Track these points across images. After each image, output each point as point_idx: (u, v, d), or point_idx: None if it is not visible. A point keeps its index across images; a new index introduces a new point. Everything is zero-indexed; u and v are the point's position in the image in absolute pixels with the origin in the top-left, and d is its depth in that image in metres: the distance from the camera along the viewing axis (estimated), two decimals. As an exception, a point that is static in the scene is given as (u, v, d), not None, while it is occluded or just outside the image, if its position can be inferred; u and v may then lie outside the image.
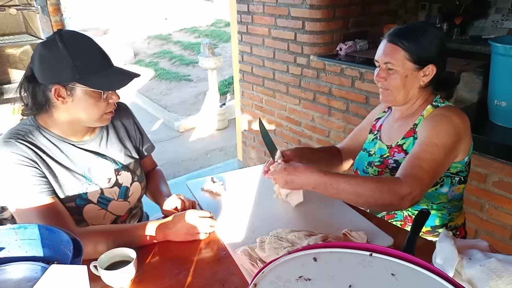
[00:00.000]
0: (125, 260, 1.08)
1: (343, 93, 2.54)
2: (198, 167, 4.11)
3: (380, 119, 1.52)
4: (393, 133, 1.41)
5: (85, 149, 1.26)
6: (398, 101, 1.33)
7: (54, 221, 1.12)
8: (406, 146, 1.34)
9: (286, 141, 3.16)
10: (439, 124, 1.25)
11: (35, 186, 1.13)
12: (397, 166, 1.32)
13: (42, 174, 1.15)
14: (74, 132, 1.23)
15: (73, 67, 1.09)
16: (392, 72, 1.28)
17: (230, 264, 1.12)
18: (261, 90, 3.26)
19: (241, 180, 1.61)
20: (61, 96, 1.13)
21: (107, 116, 1.22)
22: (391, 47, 1.27)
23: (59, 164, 1.19)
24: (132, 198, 1.36)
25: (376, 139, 1.47)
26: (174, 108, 6.07)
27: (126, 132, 1.41)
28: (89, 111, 1.16)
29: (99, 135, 1.31)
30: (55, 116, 1.18)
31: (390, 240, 1.19)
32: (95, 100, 1.15)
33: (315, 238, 1.10)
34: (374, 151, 1.45)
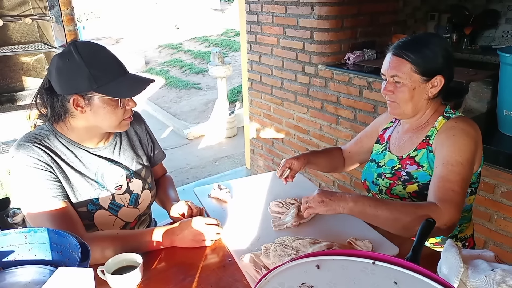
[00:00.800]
0: (131, 265, 1.09)
1: (351, 102, 2.55)
2: (206, 175, 4.13)
3: (388, 130, 1.51)
4: (403, 144, 1.39)
5: (99, 156, 1.29)
6: (406, 114, 1.32)
7: (65, 225, 1.14)
8: (418, 158, 1.32)
9: (293, 149, 3.17)
10: (458, 139, 1.23)
11: (48, 190, 1.15)
12: (410, 178, 1.31)
13: (56, 178, 1.18)
14: (90, 138, 1.26)
15: (90, 77, 1.12)
16: (399, 85, 1.27)
17: (235, 271, 1.12)
18: (269, 99, 3.28)
19: (248, 187, 1.62)
20: (79, 106, 1.16)
21: (126, 121, 1.24)
22: (397, 60, 1.26)
23: (74, 169, 1.22)
24: (142, 206, 1.38)
25: (385, 151, 1.45)
26: (183, 115, 6.12)
27: (139, 140, 1.44)
28: (108, 119, 1.19)
29: (113, 143, 1.34)
30: (73, 123, 1.21)
31: (396, 250, 1.18)
32: (113, 108, 1.18)
33: (319, 246, 1.10)
34: (384, 163, 1.43)
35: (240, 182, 1.65)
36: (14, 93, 2.67)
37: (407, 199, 1.34)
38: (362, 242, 1.18)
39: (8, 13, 2.45)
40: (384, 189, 1.39)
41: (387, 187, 1.38)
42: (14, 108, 2.48)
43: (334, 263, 0.77)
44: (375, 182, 1.43)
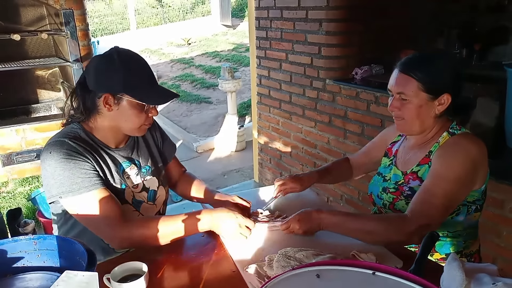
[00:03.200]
0: (137, 273, 1.11)
1: (358, 116, 2.56)
2: (215, 188, 4.12)
3: (396, 144, 1.50)
4: (408, 159, 1.40)
5: (121, 155, 1.35)
6: (414, 131, 1.32)
7: (114, 210, 1.21)
8: (421, 173, 1.32)
9: (301, 163, 3.18)
10: (454, 155, 1.23)
11: (89, 178, 1.20)
12: (412, 193, 1.31)
13: (95, 168, 1.23)
14: (113, 138, 1.33)
15: (124, 80, 1.21)
16: (406, 102, 1.26)
17: (239, 282, 1.13)
18: (278, 113, 3.31)
19: (254, 198, 1.63)
20: (108, 103, 1.23)
21: (145, 127, 1.32)
22: (403, 78, 1.25)
23: (105, 163, 1.29)
24: (158, 201, 1.44)
25: (392, 165, 1.46)
26: (193, 129, 6.18)
27: (153, 140, 1.51)
28: (131, 120, 1.26)
29: (130, 144, 1.40)
30: (99, 122, 1.29)
31: (400, 263, 1.18)
32: (138, 111, 1.25)
33: (323, 258, 1.11)
34: (389, 177, 1.43)
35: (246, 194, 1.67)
36: (29, 105, 2.74)
37: None
38: (366, 255, 1.18)
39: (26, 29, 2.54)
40: (388, 203, 1.39)
41: (390, 202, 1.38)
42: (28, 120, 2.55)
43: (334, 273, 0.78)
44: (379, 196, 1.43)
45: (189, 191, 1.58)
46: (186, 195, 1.62)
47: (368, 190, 1.53)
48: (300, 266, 0.79)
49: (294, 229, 1.28)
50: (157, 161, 1.49)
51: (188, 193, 1.58)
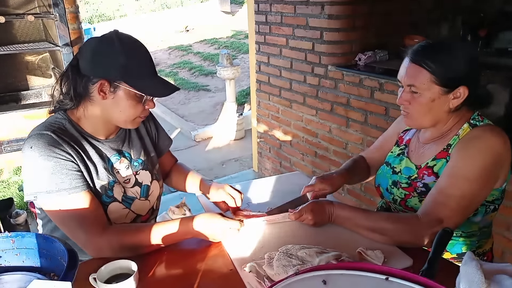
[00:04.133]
0: (126, 273, 1.03)
1: (361, 104, 2.46)
2: (213, 177, 4.07)
3: (409, 132, 1.39)
4: (423, 152, 1.29)
5: (110, 147, 1.25)
6: (423, 126, 1.23)
7: (92, 217, 1.12)
8: (437, 168, 1.22)
9: (302, 152, 3.09)
10: (475, 152, 1.12)
11: (71, 180, 1.11)
12: (427, 190, 1.21)
13: (78, 168, 1.13)
14: (103, 129, 1.23)
15: (124, 66, 1.10)
16: (417, 96, 1.15)
17: (236, 281, 1.05)
18: (277, 101, 3.21)
19: (253, 191, 1.55)
20: (103, 91, 1.12)
21: (139, 120, 1.22)
22: (415, 69, 1.13)
23: (90, 159, 1.19)
24: (152, 197, 1.35)
25: (402, 155, 1.35)
26: (191, 117, 6.08)
27: (146, 131, 1.41)
28: (126, 112, 1.16)
29: (121, 135, 1.30)
30: (89, 110, 1.18)
31: (409, 261, 1.10)
32: (135, 102, 1.15)
33: (327, 256, 1.02)
34: (400, 169, 1.33)
35: (245, 186, 1.58)
36: (18, 92, 2.63)
37: None
38: (373, 253, 1.10)
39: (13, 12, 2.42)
40: (399, 199, 1.30)
41: (402, 198, 1.28)
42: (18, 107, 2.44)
43: (343, 279, 0.70)
44: (389, 190, 1.34)
45: (183, 183, 1.49)
46: (179, 187, 1.53)
47: (375, 181, 1.44)
48: (304, 270, 0.71)
49: (305, 219, 1.22)
50: (150, 154, 1.39)
51: (182, 185, 1.49)
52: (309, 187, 1.35)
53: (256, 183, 1.65)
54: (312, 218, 1.21)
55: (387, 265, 1.07)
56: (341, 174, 1.42)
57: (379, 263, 1.07)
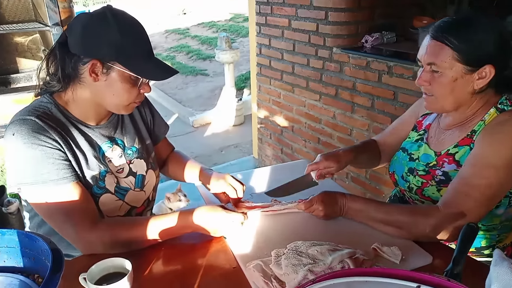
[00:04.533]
0: (119, 272, 0.93)
1: (368, 88, 2.35)
2: (212, 164, 3.98)
3: (429, 117, 1.29)
4: (443, 138, 1.19)
5: (101, 134, 1.15)
6: (445, 109, 1.13)
7: (82, 211, 1.03)
8: (459, 156, 1.12)
9: (304, 139, 2.99)
10: (503, 138, 1.03)
11: (58, 171, 1.01)
12: (446, 179, 1.12)
13: (66, 157, 1.03)
14: (93, 115, 1.13)
15: (119, 46, 1.00)
16: (437, 75, 1.06)
17: (240, 280, 0.96)
18: (279, 85, 3.09)
19: (257, 181, 1.45)
20: (95, 72, 1.02)
21: (134, 105, 1.12)
22: (436, 45, 1.05)
23: (78, 147, 1.08)
24: (147, 187, 1.25)
25: (421, 141, 1.25)
26: (189, 102, 5.96)
27: (141, 117, 1.30)
28: (120, 96, 1.06)
29: (113, 121, 1.19)
30: (79, 93, 1.07)
31: (429, 258, 1.01)
32: (130, 86, 1.05)
33: (340, 255, 0.93)
34: (418, 156, 1.23)
35: (247, 176, 1.48)
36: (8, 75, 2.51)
37: None
38: (390, 249, 1.01)
39: (0, -11, 2.28)
40: (415, 188, 1.20)
41: (418, 187, 1.19)
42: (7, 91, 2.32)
43: (367, 287, 0.60)
44: (405, 178, 1.24)
45: (181, 172, 1.38)
46: (177, 177, 1.42)
47: (390, 168, 1.34)
48: (322, 277, 0.61)
49: (315, 210, 1.13)
50: (146, 142, 1.29)
51: (180, 175, 1.39)
52: (313, 165, 1.26)
53: (258, 172, 1.56)
54: (322, 209, 1.12)
55: (405, 263, 0.99)
56: (347, 151, 1.32)
57: (397, 261, 0.98)
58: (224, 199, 1.24)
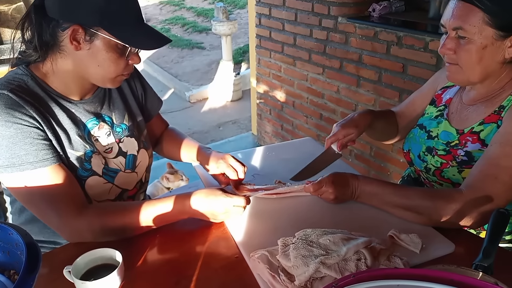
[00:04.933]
0: (108, 264, 0.84)
1: (375, 61, 2.21)
2: (209, 141, 3.88)
3: (449, 90, 1.17)
4: (466, 115, 1.08)
5: (86, 110, 1.03)
6: (471, 81, 1.01)
7: (67, 196, 0.92)
8: (484, 134, 1.01)
9: (306, 115, 2.87)
10: None
11: (37, 151, 0.89)
12: (469, 160, 1.02)
13: (45, 136, 0.92)
14: (76, 88, 1.00)
15: (104, 9, 0.88)
16: (464, 42, 0.95)
17: (244, 272, 0.87)
18: (279, 58, 2.95)
19: (259, 160, 1.34)
20: (76, 40, 0.90)
21: (122, 78, 1.00)
22: (465, 7, 0.94)
23: (60, 125, 0.96)
24: (139, 169, 1.14)
25: (441, 117, 1.14)
26: (185, 77, 5.79)
27: (131, 91, 1.18)
28: (106, 67, 0.94)
29: (99, 95, 1.07)
30: (59, 64, 0.95)
31: (451, 247, 0.92)
32: (117, 56, 0.93)
33: (356, 244, 0.83)
34: (437, 133, 1.13)
35: (247, 155, 1.37)
36: (-9, 46, 2.35)
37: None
38: (409, 237, 0.92)
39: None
40: (433, 168, 1.10)
41: (437, 168, 1.09)
42: (-11, 63, 2.17)
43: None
44: (422, 157, 1.14)
45: (176, 151, 1.27)
46: (173, 156, 1.31)
47: (405, 146, 1.23)
48: (345, 281, 0.51)
49: (325, 192, 1.03)
50: (137, 119, 1.17)
51: (176, 154, 1.28)
52: (332, 137, 1.15)
53: (260, 151, 1.45)
54: (333, 191, 1.02)
55: (426, 252, 0.89)
56: (364, 114, 1.19)
57: (417, 250, 0.89)
58: (223, 181, 1.13)
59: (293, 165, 1.28)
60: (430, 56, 1.92)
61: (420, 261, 0.87)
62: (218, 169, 1.12)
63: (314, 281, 0.79)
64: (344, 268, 0.80)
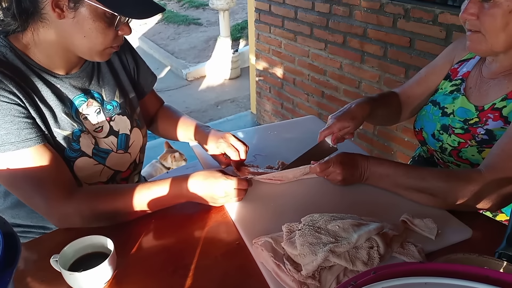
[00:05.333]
0: (99, 252, 0.77)
1: (381, 35, 2.11)
2: (207, 120, 3.79)
3: (467, 63, 1.09)
4: (486, 90, 1.00)
5: (73, 86, 0.94)
6: (494, 50, 0.92)
7: (52, 179, 0.85)
8: (507, 111, 0.94)
9: (307, 93, 2.78)
10: None
11: (19, 130, 0.81)
12: (490, 138, 0.95)
13: (27, 114, 0.83)
14: (60, 61, 0.92)
15: None
16: (489, 6, 0.87)
17: (245, 260, 0.81)
18: (279, 33, 2.83)
19: (260, 140, 1.27)
20: (59, 7, 0.82)
21: (111, 50, 0.92)
22: None
23: (44, 101, 0.88)
24: (133, 149, 1.07)
25: (457, 93, 1.06)
26: (182, 54, 5.65)
27: (122, 65, 1.08)
28: (93, 38, 0.86)
29: (87, 69, 0.99)
30: (41, 35, 0.86)
31: (468, 232, 0.86)
32: (105, 26, 0.85)
33: (368, 231, 0.77)
34: (452, 110, 1.05)
35: (248, 135, 1.30)
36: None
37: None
38: (423, 222, 0.85)
39: None
40: (450, 148, 1.02)
41: (454, 147, 1.01)
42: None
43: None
44: (436, 136, 1.06)
45: (173, 130, 1.19)
46: (169, 135, 1.24)
47: (416, 124, 1.15)
48: (364, 279, 0.45)
49: (332, 173, 0.96)
50: (129, 95, 1.08)
51: (172, 133, 1.20)
52: (326, 131, 1.06)
53: (261, 130, 1.37)
54: (340, 172, 0.95)
55: (441, 238, 0.83)
56: (361, 104, 1.09)
57: (432, 236, 0.83)
58: (224, 162, 1.06)
59: (296, 145, 1.21)
60: (439, 30, 1.82)
61: (435, 247, 0.81)
62: (218, 149, 1.05)
63: (322, 271, 0.74)
64: (355, 256, 0.74)
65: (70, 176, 0.90)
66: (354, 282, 0.45)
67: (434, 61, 1.17)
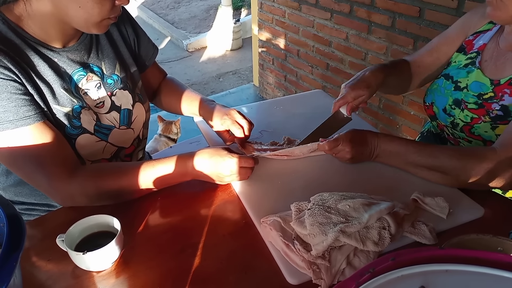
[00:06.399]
0: (106, 231, 0.76)
1: (389, 4, 2.03)
2: (209, 92, 3.74)
3: (483, 35, 1.03)
4: (503, 63, 0.95)
5: (71, 59, 0.90)
6: None
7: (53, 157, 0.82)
8: None
9: (311, 64, 2.72)
10: None
11: (16, 108, 0.78)
12: (505, 115, 0.91)
13: (25, 90, 0.80)
14: (57, 34, 0.87)
15: None
16: None
17: (253, 239, 0.80)
18: (283, 2, 2.74)
19: (266, 116, 1.24)
20: None
21: (109, 22, 0.87)
22: None
23: (40, 77, 0.84)
24: (136, 124, 1.04)
25: (472, 66, 1.02)
26: (182, 24, 5.51)
27: (122, 37, 1.04)
28: (88, 9, 0.81)
29: (85, 42, 0.94)
30: (34, 6, 0.81)
31: (480, 211, 0.84)
32: None
33: (379, 210, 0.75)
34: (466, 84, 1.01)
35: (251, 111, 1.27)
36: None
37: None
38: (434, 200, 0.84)
39: None
40: (461, 124, 0.99)
41: (467, 123, 0.98)
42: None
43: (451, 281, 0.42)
44: (448, 111, 1.03)
45: (177, 104, 1.16)
46: (173, 109, 1.20)
47: (427, 98, 1.12)
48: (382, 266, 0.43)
49: (341, 151, 0.94)
50: (130, 69, 1.04)
51: (176, 107, 1.17)
52: (340, 101, 1.02)
53: (266, 105, 1.34)
54: (350, 150, 0.93)
55: (453, 217, 0.82)
56: (376, 71, 1.04)
57: (443, 215, 0.82)
58: (228, 139, 1.04)
59: (303, 120, 1.19)
60: (451, -1, 1.75)
61: (447, 227, 0.80)
62: (222, 126, 1.02)
63: (332, 251, 0.72)
64: (365, 236, 0.73)
65: (73, 154, 0.88)
66: (372, 269, 0.43)
67: (447, 30, 1.12)
